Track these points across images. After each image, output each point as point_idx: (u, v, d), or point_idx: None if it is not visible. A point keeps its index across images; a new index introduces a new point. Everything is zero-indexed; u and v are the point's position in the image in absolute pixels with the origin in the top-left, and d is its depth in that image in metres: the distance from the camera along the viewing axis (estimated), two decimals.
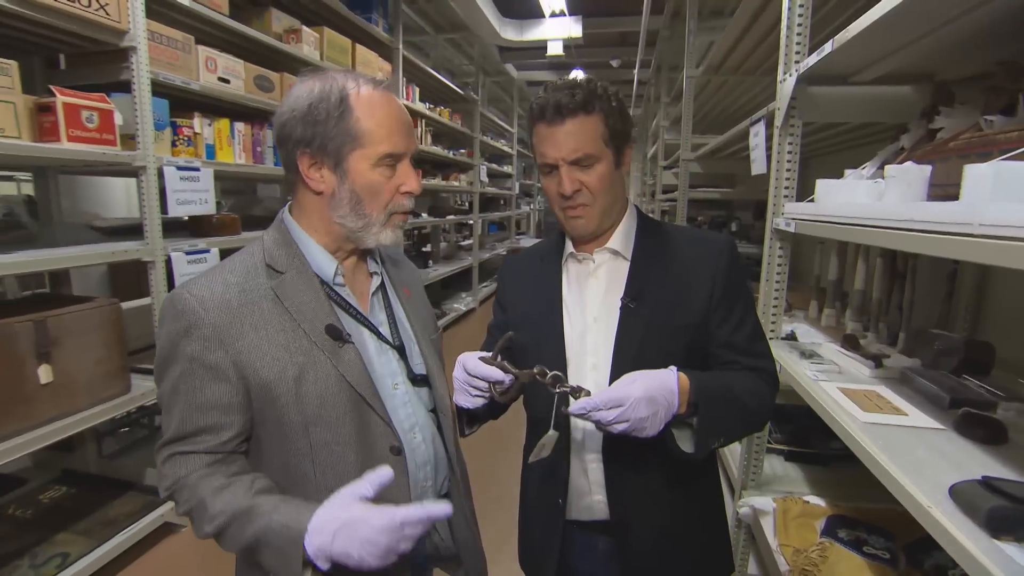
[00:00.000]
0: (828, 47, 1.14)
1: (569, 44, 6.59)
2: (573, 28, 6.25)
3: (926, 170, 0.89)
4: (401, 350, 0.95)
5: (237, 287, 0.83)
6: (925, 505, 0.71)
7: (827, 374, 1.29)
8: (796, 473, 1.81)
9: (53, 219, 2.40)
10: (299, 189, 0.89)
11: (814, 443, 1.91)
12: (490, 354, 0.87)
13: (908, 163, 0.91)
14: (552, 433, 0.89)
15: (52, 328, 1.78)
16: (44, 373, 1.77)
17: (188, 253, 2.24)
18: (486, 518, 1.17)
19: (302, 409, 0.82)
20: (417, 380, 0.96)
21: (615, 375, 0.90)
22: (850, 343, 1.48)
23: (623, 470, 0.95)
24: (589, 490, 0.98)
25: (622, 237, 1.00)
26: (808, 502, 1.52)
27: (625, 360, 0.92)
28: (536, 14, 6.27)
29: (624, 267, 0.99)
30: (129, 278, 3.48)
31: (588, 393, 0.83)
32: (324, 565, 0.70)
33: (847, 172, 1.37)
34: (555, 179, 0.94)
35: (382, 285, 0.98)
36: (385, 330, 0.94)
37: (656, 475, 0.95)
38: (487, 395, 0.88)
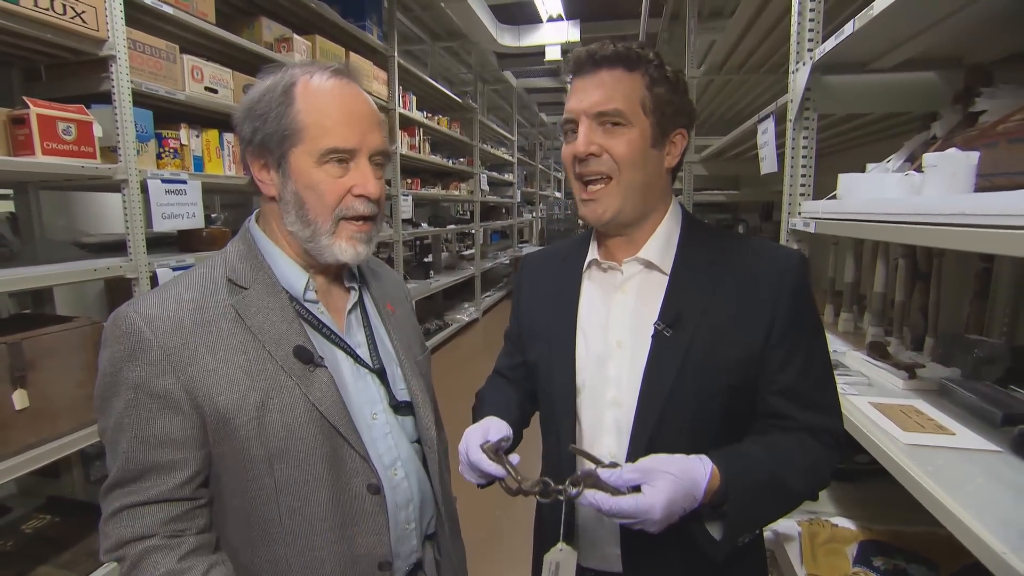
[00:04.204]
0: (848, 28, 1.04)
1: (567, 49, 6.52)
2: (571, 32, 6.19)
3: (973, 157, 0.78)
4: (382, 374, 0.84)
5: (192, 304, 0.74)
6: (999, 551, 0.60)
7: (856, 387, 1.18)
8: None
9: (35, 236, 2.32)
10: (261, 195, 0.80)
11: None
12: (496, 440, 0.76)
13: (952, 150, 0.81)
14: (568, 550, 0.77)
15: (28, 351, 1.69)
16: (19, 398, 1.68)
17: (175, 269, 2.15)
18: (479, 558, 1.06)
19: (265, 442, 0.72)
20: (400, 408, 0.85)
21: (640, 420, 0.78)
22: (877, 351, 1.36)
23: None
24: (605, 540, 0.85)
25: (660, 245, 0.82)
26: (836, 525, 1.40)
27: (654, 402, 0.77)
28: (533, 20, 6.22)
29: (661, 282, 0.81)
30: (127, 296, 3.40)
31: (606, 464, 0.70)
32: None
33: (869, 166, 1.27)
34: (573, 141, 0.79)
35: (360, 301, 0.88)
36: (363, 352, 0.84)
37: (682, 529, 0.77)
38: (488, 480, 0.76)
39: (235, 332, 0.74)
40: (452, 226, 6.32)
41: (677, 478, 0.66)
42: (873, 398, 1.10)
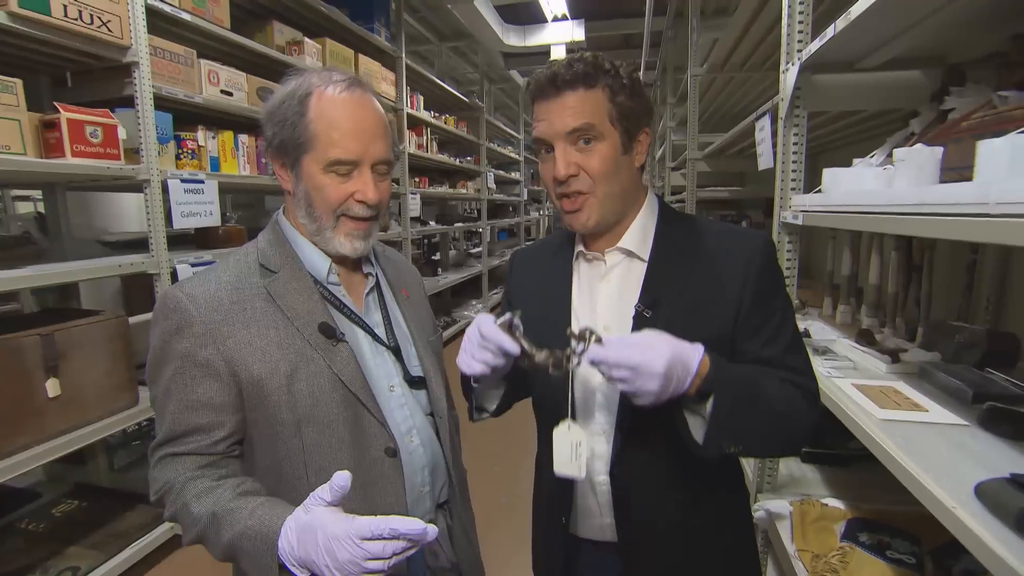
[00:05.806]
0: (831, 31, 1.11)
1: (572, 48, 6.58)
2: (576, 32, 6.25)
3: (937, 152, 0.84)
4: (397, 351, 0.93)
5: (229, 285, 0.83)
6: (949, 506, 0.66)
7: (841, 370, 1.24)
8: (814, 474, 1.75)
9: (62, 234, 2.42)
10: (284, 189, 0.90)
11: (831, 442, 1.84)
12: (508, 318, 0.80)
13: (918, 145, 0.87)
14: (577, 428, 0.80)
15: (60, 342, 1.79)
16: (52, 387, 1.78)
17: (193, 265, 2.25)
18: (494, 526, 1.13)
19: (294, 407, 0.81)
20: (414, 382, 0.94)
21: (624, 396, 0.83)
22: (865, 338, 1.42)
23: (632, 493, 0.88)
24: (599, 512, 0.92)
25: (638, 234, 0.90)
26: (827, 505, 1.46)
27: None
28: (538, 19, 6.28)
29: (640, 269, 0.89)
30: (142, 292, 3.52)
31: (599, 340, 0.74)
32: (302, 573, 0.68)
33: (856, 161, 1.33)
34: (550, 162, 0.85)
35: (377, 285, 0.96)
36: (380, 331, 0.93)
37: (670, 500, 0.87)
38: (492, 365, 0.80)
39: (267, 310, 0.83)
40: (459, 224, 6.40)
41: (675, 347, 0.72)
42: (856, 380, 1.17)
